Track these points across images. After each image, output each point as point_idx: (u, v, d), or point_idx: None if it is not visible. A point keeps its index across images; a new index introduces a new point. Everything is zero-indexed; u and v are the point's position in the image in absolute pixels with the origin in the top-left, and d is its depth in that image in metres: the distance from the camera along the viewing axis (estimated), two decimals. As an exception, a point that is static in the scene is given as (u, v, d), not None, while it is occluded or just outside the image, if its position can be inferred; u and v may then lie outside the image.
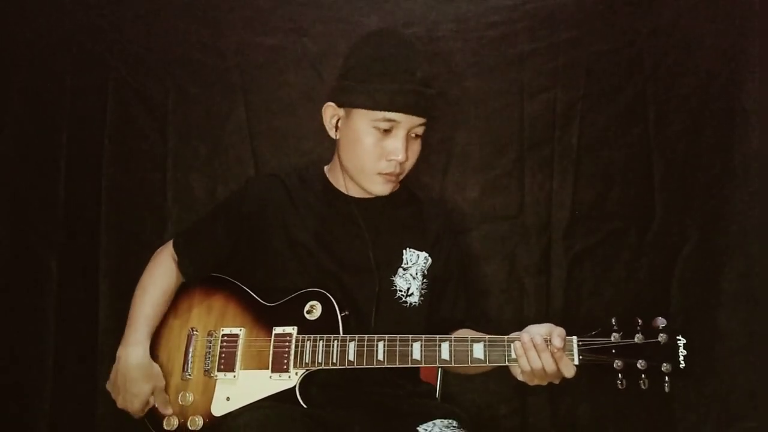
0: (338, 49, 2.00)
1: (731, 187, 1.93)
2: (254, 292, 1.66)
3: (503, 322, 1.96)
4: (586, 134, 2.00)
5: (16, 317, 1.97)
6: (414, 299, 1.65)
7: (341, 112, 1.61)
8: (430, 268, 1.69)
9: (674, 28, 1.96)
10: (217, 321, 1.64)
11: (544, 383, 1.43)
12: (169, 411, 1.58)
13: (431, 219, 1.77)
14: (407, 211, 1.75)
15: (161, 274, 1.70)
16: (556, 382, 1.43)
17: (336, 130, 1.63)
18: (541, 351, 1.39)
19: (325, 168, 1.77)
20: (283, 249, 1.65)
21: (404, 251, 1.68)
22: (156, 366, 1.61)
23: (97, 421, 1.97)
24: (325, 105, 1.64)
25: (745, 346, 1.90)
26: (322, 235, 1.66)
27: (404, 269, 1.66)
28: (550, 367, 1.39)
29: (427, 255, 1.69)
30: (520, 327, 1.47)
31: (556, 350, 1.39)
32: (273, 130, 2.04)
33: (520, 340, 1.41)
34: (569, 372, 1.40)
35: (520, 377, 1.44)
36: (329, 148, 1.77)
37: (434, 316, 1.69)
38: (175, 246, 1.74)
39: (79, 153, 2.01)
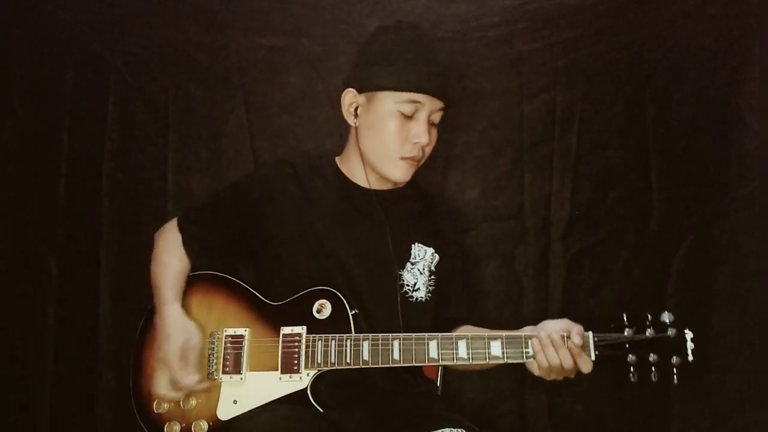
0: (338, 49, 2.01)
1: (728, 189, 1.94)
2: (257, 289, 1.63)
3: (502, 322, 1.97)
4: (586, 135, 2.01)
5: (16, 317, 1.96)
6: (420, 294, 1.65)
7: (361, 98, 1.63)
8: (438, 265, 1.70)
9: (673, 29, 1.96)
10: (219, 321, 1.60)
11: (561, 378, 1.46)
12: (198, 386, 1.51)
13: (440, 216, 1.78)
14: (418, 205, 1.76)
15: (176, 254, 1.67)
16: (572, 376, 1.46)
17: (355, 117, 1.65)
18: (558, 347, 1.42)
19: (337, 159, 1.76)
20: (293, 238, 1.64)
21: (413, 246, 1.68)
22: (191, 322, 1.56)
23: (97, 421, 1.97)
24: (344, 91, 1.65)
25: (739, 344, 1.91)
26: (336, 226, 1.65)
27: (412, 264, 1.67)
28: (567, 363, 1.42)
29: (434, 251, 1.70)
30: (519, 326, 1.50)
31: (575, 347, 1.41)
32: (273, 130, 2.04)
33: (537, 337, 1.43)
34: (587, 367, 1.43)
35: (537, 372, 1.47)
36: (330, 147, 1.77)
37: (439, 312, 1.69)
38: (179, 224, 1.71)
39: (80, 153, 2.01)
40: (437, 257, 1.70)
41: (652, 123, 1.99)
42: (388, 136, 1.61)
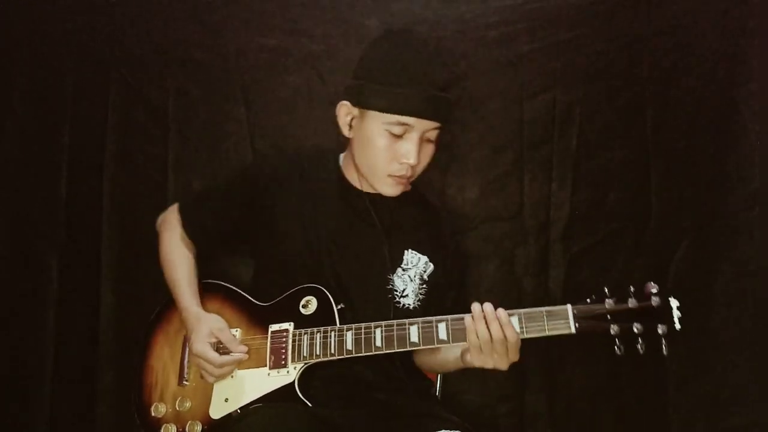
0: (338, 49, 2.01)
1: (727, 189, 1.94)
2: (249, 288, 1.67)
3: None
4: (585, 135, 2.01)
5: (16, 317, 1.97)
6: (408, 301, 1.64)
7: (356, 111, 1.60)
8: (431, 275, 1.68)
9: (673, 29, 1.96)
10: None
11: (491, 366, 1.43)
12: (242, 348, 1.55)
13: (439, 225, 1.76)
14: (415, 212, 1.74)
15: (183, 252, 1.69)
16: (503, 365, 1.43)
17: (350, 129, 1.62)
18: (490, 320, 1.40)
19: (341, 156, 1.75)
20: (291, 232, 1.64)
21: (405, 252, 1.67)
22: (207, 314, 1.60)
23: (97, 420, 1.97)
24: (339, 103, 1.62)
25: (738, 344, 1.91)
26: (332, 225, 1.65)
27: (403, 270, 1.65)
28: (497, 333, 1.39)
29: (427, 260, 1.68)
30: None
31: (503, 316, 1.40)
32: (273, 131, 2.04)
33: (472, 312, 1.42)
34: (513, 336, 1.40)
35: (468, 359, 1.46)
36: (330, 148, 1.77)
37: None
38: (181, 210, 1.72)
39: (81, 153, 2.01)
40: (431, 266, 1.68)
41: (652, 123, 1.99)
42: (375, 154, 1.58)
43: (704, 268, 1.94)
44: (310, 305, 1.57)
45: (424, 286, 1.66)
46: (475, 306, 1.43)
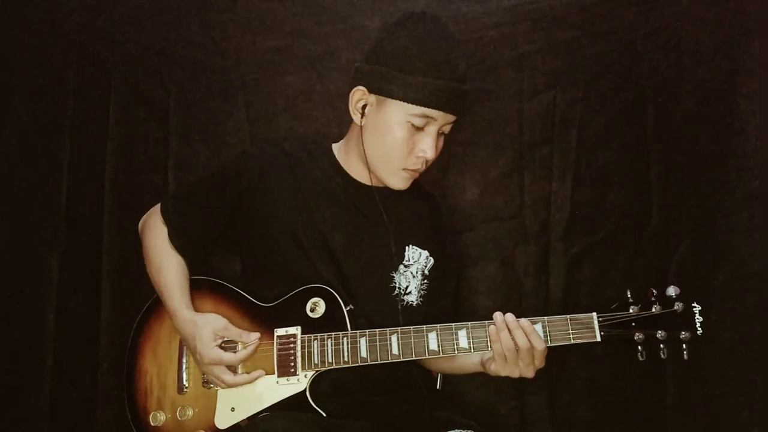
0: (338, 49, 2.01)
1: (728, 189, 1.93)
2: (247, 288, 1.60)
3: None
4: (585, 135, 2.01)
5: (16, 317, 1.96)
6: (412, 298, 1.61)
7: (371, 98, 1.52)
8: (432, 269, 1.65)
9: (674, 29, 1.96)
10: None
11: (516, 375, 1.43)
12: (255, 335, 1.49)
13: (436, 216, 1.74)
14: (416, 206, 1.69)
15: (170, 253, 1.62)
16: (530, 373, 1.43)
17: (362, 116, 1.54)
18: (513, 329, 1.40)
19: (334, 147, 1.68)
20: (285, 230, 1.57)
21: (407, 248, 1.63)
22: (201, 314, 1.52)
23: (97, 421, 1.96)
24: (354, 89, 1.54)
25: (737, 344, 1.90)
26: (331, 220, 1.59)
27: (405, 266, 1.62)
28: (522, 342, 1.39)
29: (428, 254, 1.65)
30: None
31: (527, 326, 1.40)
32: (273, 131, 2.03)
33: (494, 322, 1.41)
34: (540, 345, 1.40)
35: (492, 368, 1.45)
36: (318, 138, 1.77)
37: (428, 314, 1.65)
38: (163, 215, 1.65)
39: (82, 153, 2.00)
40: (432, 261, 1.65)
41: (652, 123, 1.99)
42: (393, 146, 1.51)
43: (704, 269, 1.94)
44: (317, 308, 1.50)
45: (426, 281, 1.64)
46: (497, 315, 1.41)
